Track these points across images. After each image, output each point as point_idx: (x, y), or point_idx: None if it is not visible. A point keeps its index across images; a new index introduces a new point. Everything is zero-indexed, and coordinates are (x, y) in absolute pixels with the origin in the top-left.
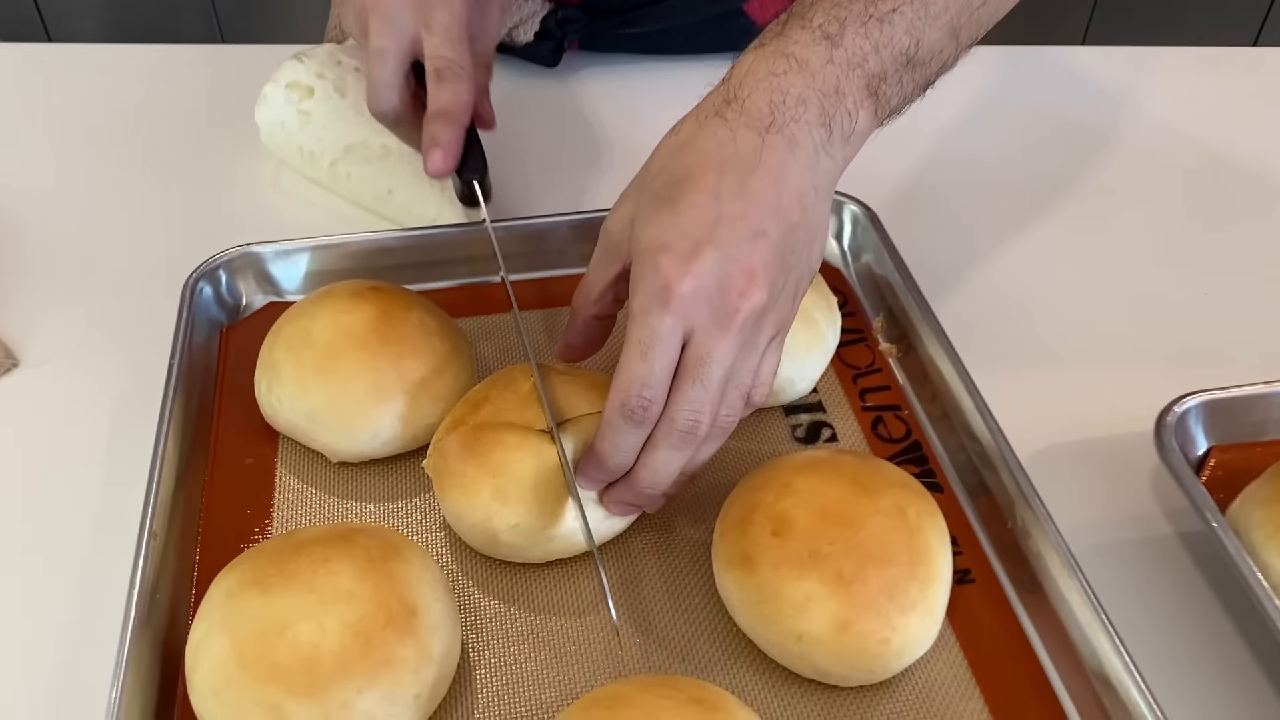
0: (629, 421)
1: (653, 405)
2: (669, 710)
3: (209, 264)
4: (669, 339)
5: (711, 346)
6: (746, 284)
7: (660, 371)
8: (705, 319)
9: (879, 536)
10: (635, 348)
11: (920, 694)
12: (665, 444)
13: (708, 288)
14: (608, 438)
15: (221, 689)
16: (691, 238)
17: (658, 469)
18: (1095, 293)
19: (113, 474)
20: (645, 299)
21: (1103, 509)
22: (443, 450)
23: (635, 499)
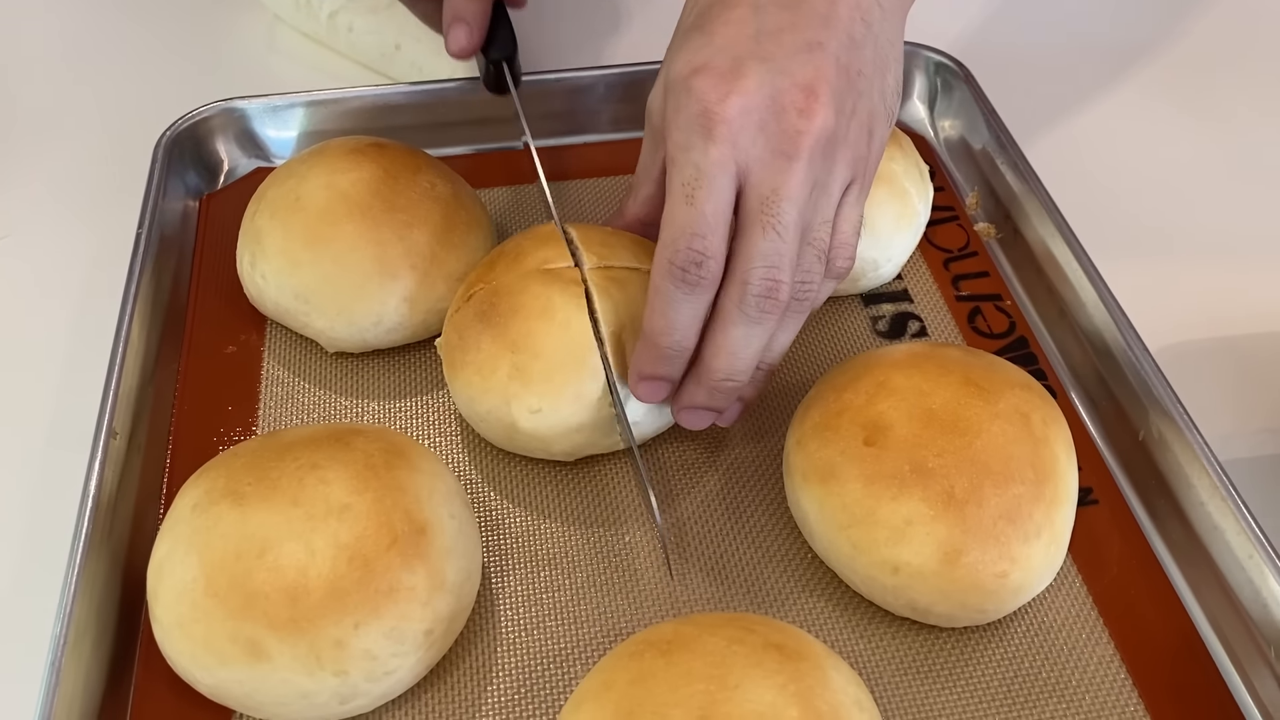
0: (681, 284)
1: (708, 260)
2: (741, 657)
3: (185, 121)
4: (718, 176)
5: (778, 181)
6: (806, 100)
7: (712, 215)
8: (762, 148)
9: (998, 448)
10: (679, 193)
11: (1037, 636)
12: (740, 316)
13: (758, 108)
14: (658, 310)
15: (188, 621)
16: (730, 54)
17: (735, 352)
18: (1225, 174)
19: (75, 364)
20: (683, 132)
21: (1238, 419)
22: (457, 323)
23: (710, 399)
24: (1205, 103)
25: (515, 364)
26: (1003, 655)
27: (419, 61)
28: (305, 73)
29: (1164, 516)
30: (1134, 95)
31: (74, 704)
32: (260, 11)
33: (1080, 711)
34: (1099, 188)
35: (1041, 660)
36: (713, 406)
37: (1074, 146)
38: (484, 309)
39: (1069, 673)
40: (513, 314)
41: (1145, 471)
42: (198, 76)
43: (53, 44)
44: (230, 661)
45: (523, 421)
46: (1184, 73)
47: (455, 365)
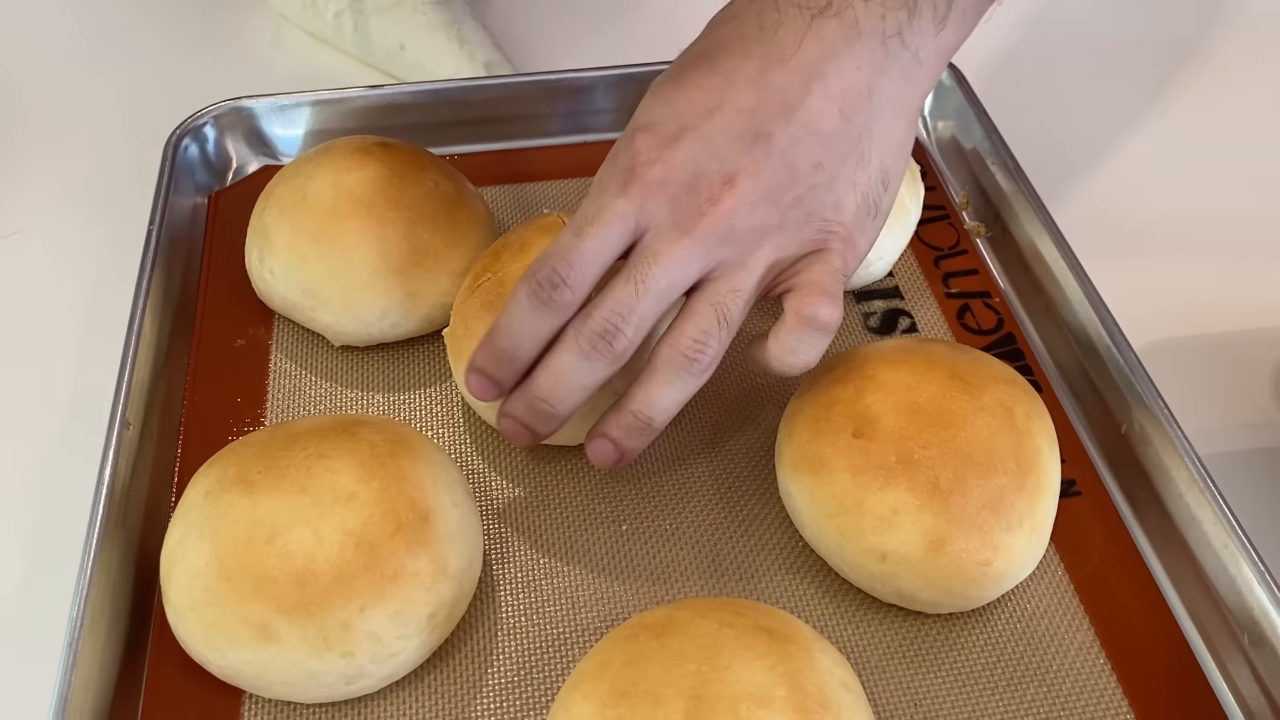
0: (533, 297)
1: (566, 288)
2: (732, 640)
3: (194, 119)
4: (614, 223)
5: (661, 248)
6: (721, 189)
7: (591, 252)
8: (664, 218)
9: (982, 440)
10: (575, 222)
11: (1019, 623)
12: (573, 345)
13: (676, 182)
14: (505, 311)
15: (200, 604)
16: (679, 122)
17: (559, 374)
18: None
19: (87, 357)
20: (605, 174)
21: (1220, 414)
22: (464, 313)
23: (526, 414)
24: (1191, 104)
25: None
26: (986, 641)
27: (423, 61)
28: (311, 72)
29: (1144, 507)
30: (1122, 97)
31: (90, 683)
32: (267, 11)
33: (1061, 695)
34: (1086, 188)
35: (1024, 646)
36: (529, 423)
37: (1062, 147)
38: (491, 298)
39: (1050, 658)
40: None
41: (1127, 464)
42: (205, 75)
43: (63, 44)
44: (241, 643)
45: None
46: (1171, 75)
47: (463, 354)
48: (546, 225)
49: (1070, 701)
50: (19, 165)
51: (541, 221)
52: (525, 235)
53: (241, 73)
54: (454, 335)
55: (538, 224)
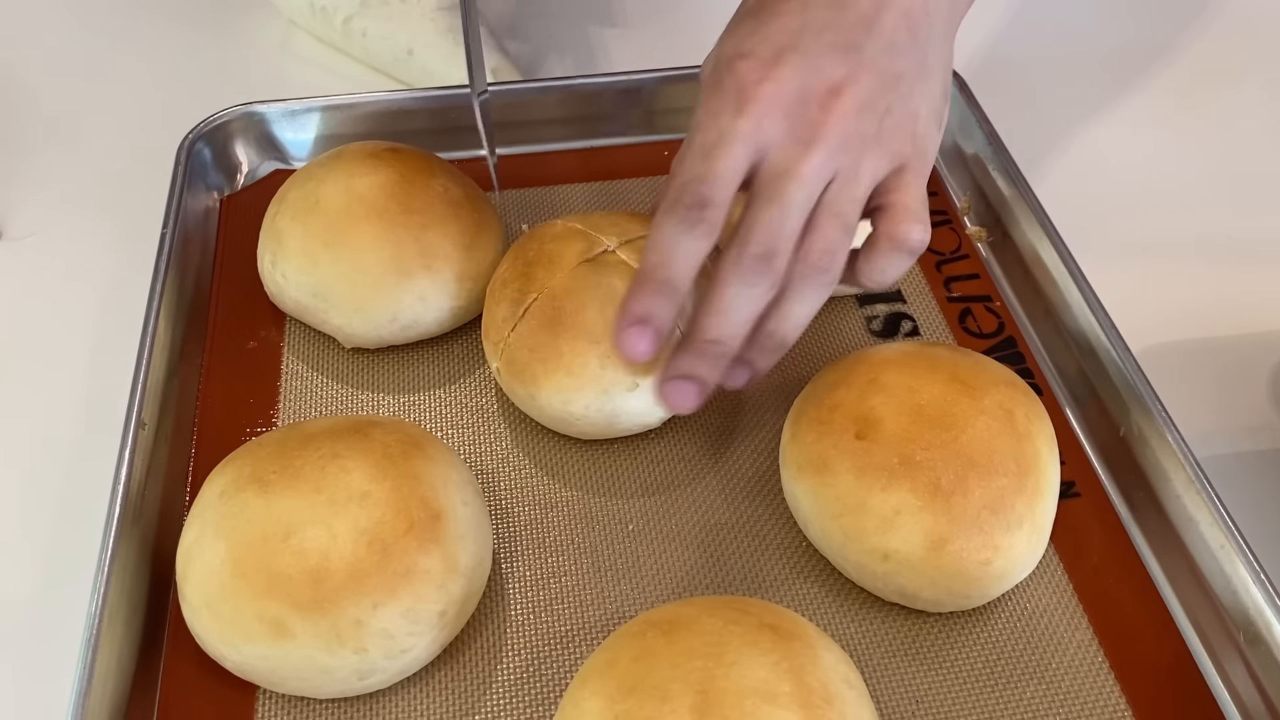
0: (683, 221)
1: (712, 206)
2: (738, 637)
3: (207, 124)
4: (738, 144)
5: (790, 163)
6: (829, 98)
7: (724, 172)
8: (782, 133)
9: (983, 442)
10: (696, 150)
11: (1019, 621)
12: (735, 276)
13: (787, 96)
14: (656, 245)
15: (216, 601)
16: (774, 44)
17: (725, 311)
18: (1208, 177)
19: (101, 358)
20: (716, 102)
21: (1217, 417)
22: (525, 342)
23: (696, 365)
24: (1190, 110)
25: (603, 352)
26: (986, 639)
27: (430, 66)
28: (320, 77)
29: (1142, 508)
30: (1122, 104)
31: (108, 678)
32: (276, 17)
33: (1059, 693)
34: (1086, 193)
35: (1023, 644)
36: (699, 375)
37: (1063, 153)
38: (550, 316)
39: (1049, 656)
40: (581, 310)
41: (1125, 466)
42: (216, 80)
43: (77, 50)
44: (256, 639)
45: (626, 403)
46: (1170, 81)
47: (538, 378)
48: (560, 233)
49: (1069, 699)
50: (35, 169)
51: (549, 232)
52: (545, 248)
53: (252, 78)
54: (519, 366)
55: (549, 234)
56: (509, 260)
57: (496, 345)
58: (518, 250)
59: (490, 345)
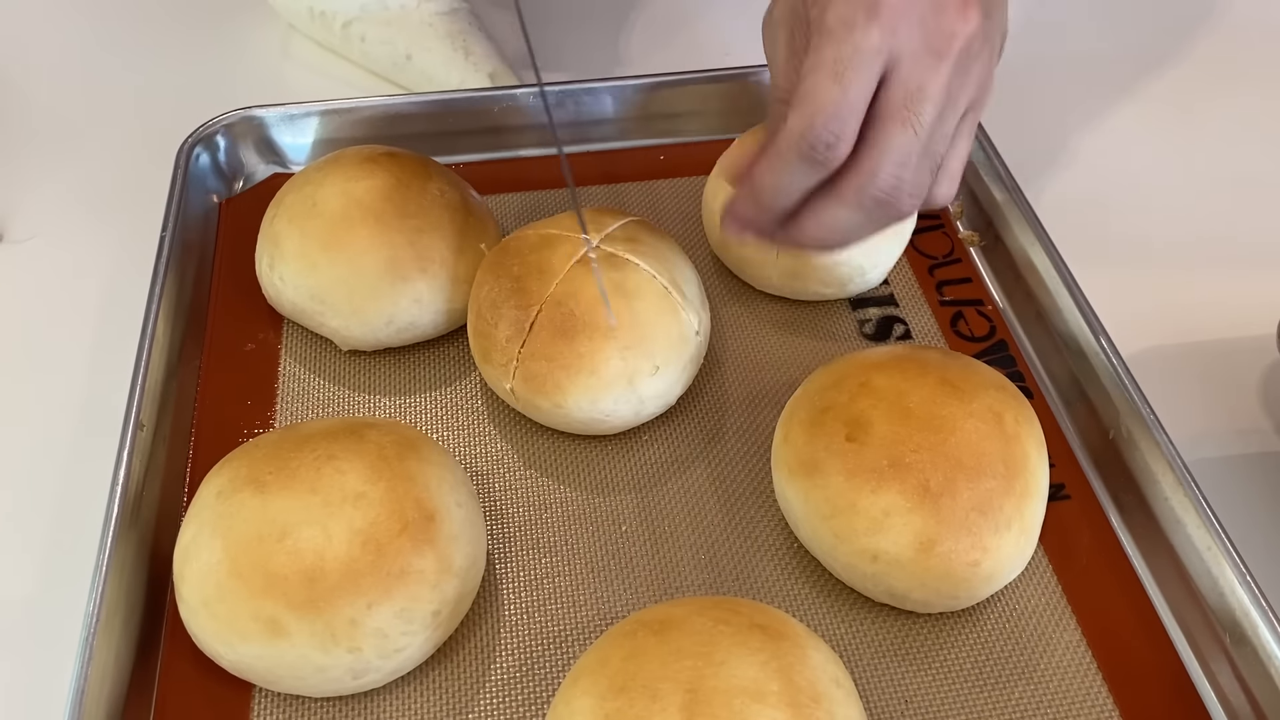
0: (806, 159)
1: (840, 143)
2: (728, 636)
3: (206, 128)
4: (871, 61)
5: (926, 78)
6: (963, 4)
7: (855, 99)
8: (917, 43)
9: (971, 444)
10: (829, 67)
11: (1008, 622)
12: (855, 203)
13: (921, 3)
14: (775, 171)
15: (213, 600)
16: None
17: (835, 229)
18: (1199, 181)
19: (100, 360)
20: (846, 9)
21: (1206, 420)
22: (539, 353)
23: (788, 243)
24: (1180, 116)
25: (622, 345)
26: (975, 640)
27: (429, 71)
28: (319, 81)
29: (1131, 511)
30: (1113, 109)
31: (105, 677)
32: (276, 21)
33: (1047, 693)
34: (1078, 198)
35: (1012, 645)
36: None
37: (1054, 158)
38: (561, 322)
39: (1038, 657)
40: (591, 309)
41: (1114, 468)
42: (216, 85)
43: (77, 54)
44: (252, 638)
45: (650, 387)
46: (1161, 87)
47: (562, 385)
48: (538, 242)
49: (1057, 699)
50: (35, 172)
51: (528, 242)
52: (532, 260)
53: (252, 82)
54: (540, 378)
55: (525, 246)
56: (489, 282)
57: (506, 366)
58: (496, 270)
59: (497, 369)
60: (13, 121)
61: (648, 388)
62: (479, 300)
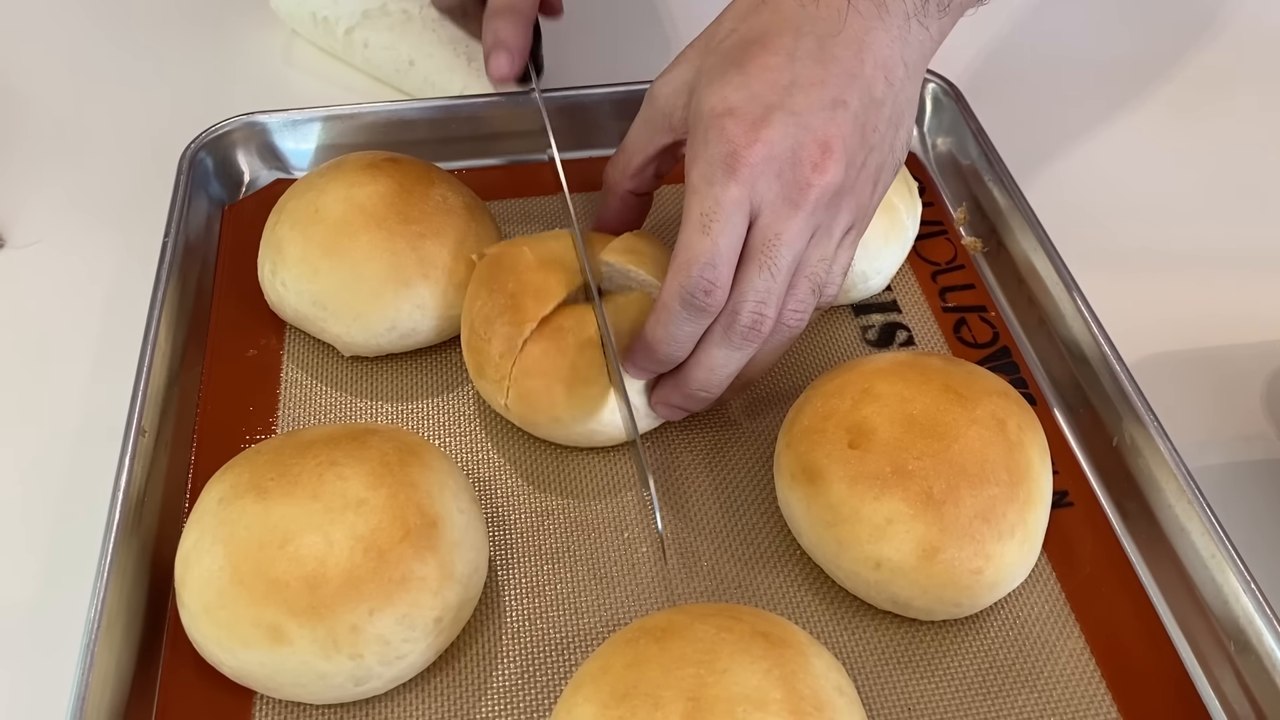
0: (688, 308)
1: (716, 289)
2: (730, 644)
3: (209, 134)
4: (734, 212)
5: (781, 226)
6: (821, 156)
7: (725, 248)
8: (775, 194)
9: (975, 451)
10: (696, 221)
11: (1011, 630)
12: (724, 341)
13: (779, 157)
14: (662, 324)
15: (214, 607)
16: (762, 102)
17: (714, 368)
18: (1203, 187)
19: (103, 365)
20: (708, 167)
21: (1211, 427)
22: (529, 365)
23: (683, 402)
24: (1184, 121)
25: (614, 352)
26: (979, 647)
27: (432, 77)
28: (321, 87)
29: (1135, 518)
30: (1116, 114)
31: (106, 683)
32: (278, 27)
33: (1051, 701)
34: (1081, 204)
35: (1016, 652)
36: (684, 407)
37: (1057, 164)
38: (554, 339)
39: (1041, 664)
40: (582, 323)
41: (1118, 475)
42: (219, 90)
43: (80, 59)
44: (253, 645)
45: (640, 396)
46: (1165, 92)
47: (558, 400)
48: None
49: (1060, 707)
50: (37, 178)
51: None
52: (528, 280)
53: (255, 87)
54: (528, 395)
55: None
56: (482, 296)
57: (500, 383)
58: (489, 283)
59: (492, 384)
60: (16, 127)
61: (643, 397)
62: (471, 315)
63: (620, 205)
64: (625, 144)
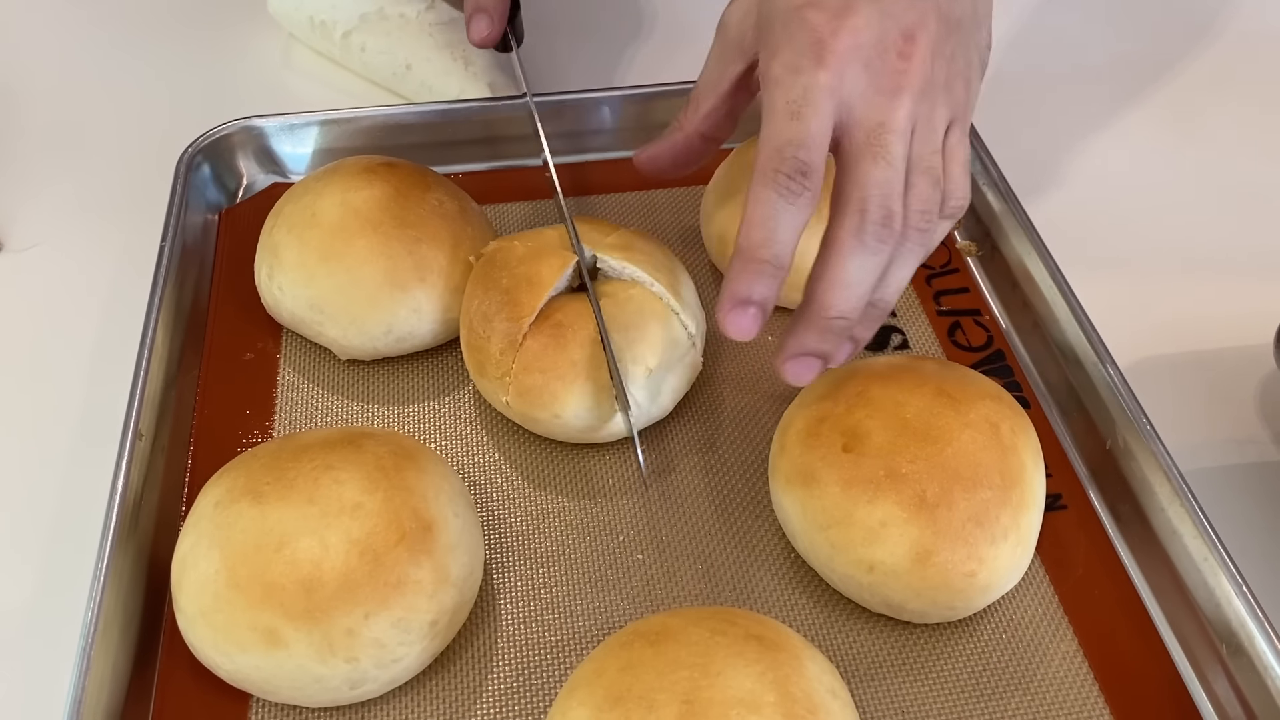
0: (786, 191)
1: (813, 171)
2: (724, 647)
3: (206, 138)
4: (824, 100)
5: (883, 115)
6: (907, 45)
7: (817, 133)
8: (865, 85)
9: (968, 455)
10: (783, 110)
11: (1005, 633)
12: (857, 244)
13: (866, 46)
14: (758, 220)
15: (210, 610)
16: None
17: (850, 284)
18: (1196, 191)
19: (100, 368)
20: (794, 55)
21: (1205, 430)
22: (529, 361)
23: (821, 341)
24: (1178, 126)
25: (615, 347)
26: (972, 650)
27: (429, 81)
28: (319, 90)
29: (1128, 521)
30: (1110, 118)
31: (103, 686)
32: (276, 31)
33: (1044, 704)
34: (1075, 208)
35: (1009, 655)
36: (823, 351)
37: (1051, 168)
38: (552, 334)
39: (1034, 667)
40: (580, 317)
41: (1111, 478)
42: (217, 94)
43: (78, 65)
44: (249, 648)
45: (642, 390)
46: (1159, 96)
47: (559, 395)
48: (526, 255)
49: (1053, 709)
50: (36, 181)
51: (516, 254)
52: (521, 272)
53: (252, 91)
54: (528, 391)
55: (513, 257)
56: (479, 295)
57: (501, 380)
58: (485, 282)
59: (493, 382)
60: (14, 130)
61: (641, 391)
62: (470, 314)
63: (684, 144)
64: (699, 82)
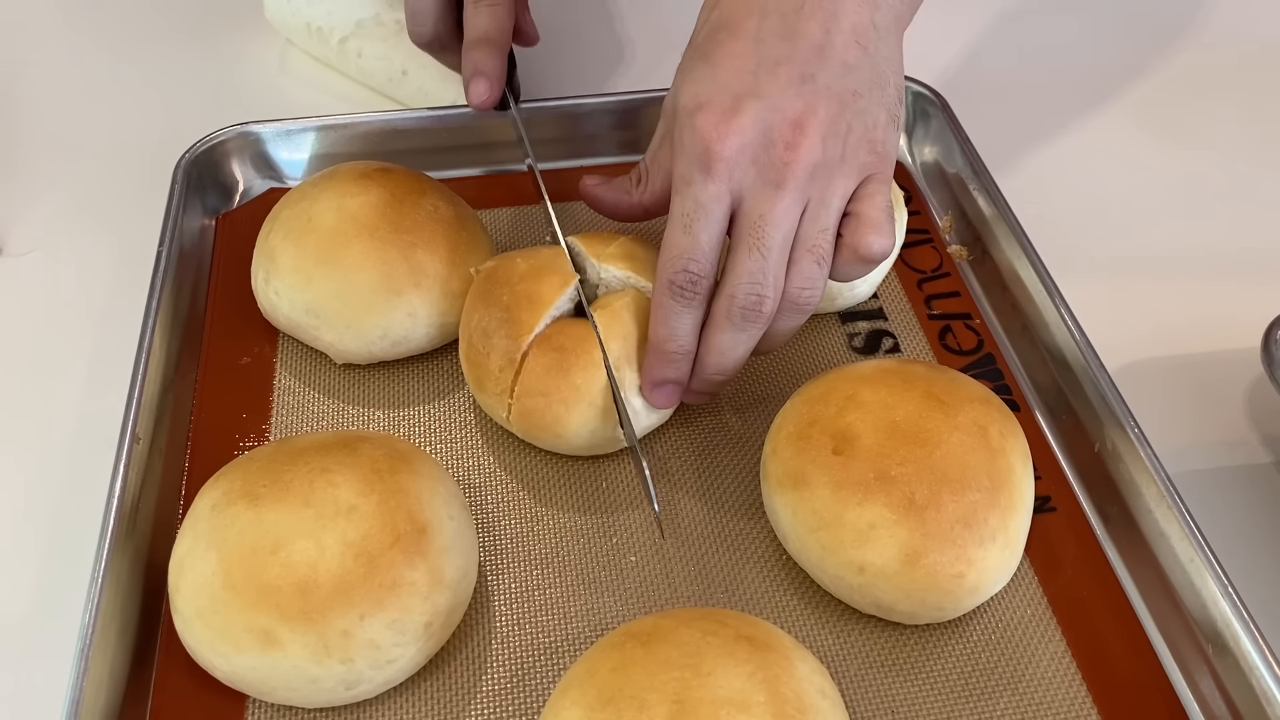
0: (678, 299)
1: (700, 279)
2: (715, 648)
3: (203, 143)
4: (713, 207)
5: (765, 208)
6: (794, 134)
7: (706, 244)
8: (753, 180)
9: (956, 457)
10: (679, 221)
11: (994, 633)
12: (727, 323)
13: (753, 144)
14: (661, 321)
15: (207, 612)
16: (731, 91)
17: (723, 352)
18: (1184, 195)
19: (98, 373)
20: (686, 166)
21: (1193, 433)
22: (530, 383)
23: (705, 387)
24: (1168, 131)
25: (614, 363)
26: (961, 651)
27: (425, 87)
28: (316, 96)
29: (1116, 523)
30: (1100, 124)
31: (100, 688)
32: (273, 37)
33: (1032, 704)
34: (1065, 212)
35: (998, 656)
36: (708, 393)
37: (1042, 172)
38: (554, 357)
39: (1023, 668)
40: (582, 341)
41: (1100, 481)
42: (214, 99)
43: (76, 70)
44: (246, 650)
45: (641, 400)
46: (1148, 101)
47: (561, 418)
48: (528, 272)
49: (1041, 709)
50: (33, 186)
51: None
52: (522, 290)
53: (249, 97)
54: (529, 414)
55: (514, 274)
56: (479, 310)
57: (500, 397)
58: (485, 297)
59: (492, 397)
60: (13, 136)
61: (639, 398)
62: (469, 329)
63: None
64: (646, 157)
